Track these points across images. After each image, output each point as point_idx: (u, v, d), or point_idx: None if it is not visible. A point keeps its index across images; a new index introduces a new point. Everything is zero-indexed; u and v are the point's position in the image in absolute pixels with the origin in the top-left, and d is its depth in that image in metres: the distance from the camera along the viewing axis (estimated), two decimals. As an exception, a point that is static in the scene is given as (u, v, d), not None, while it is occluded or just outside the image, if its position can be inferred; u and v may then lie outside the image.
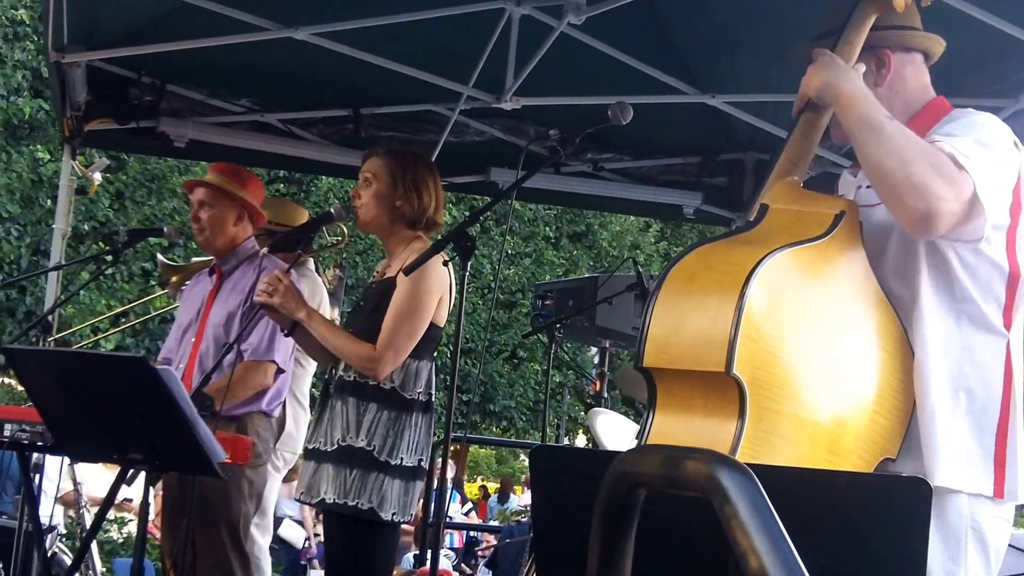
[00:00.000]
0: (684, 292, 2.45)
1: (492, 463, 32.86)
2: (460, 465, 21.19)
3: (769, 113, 6.33)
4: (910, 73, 2.82)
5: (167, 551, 4.93)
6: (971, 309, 2.61)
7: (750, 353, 2.31)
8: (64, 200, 6.64)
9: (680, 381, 2.43)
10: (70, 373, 3.75)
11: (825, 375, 2.43)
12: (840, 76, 2.65)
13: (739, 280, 2.34)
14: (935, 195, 2.44)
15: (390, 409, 4.04)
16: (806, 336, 2.43)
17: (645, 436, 2.45)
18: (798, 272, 2.45)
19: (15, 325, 14.51)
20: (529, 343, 20.19)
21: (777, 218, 2.60)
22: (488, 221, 20.13)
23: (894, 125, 2.55)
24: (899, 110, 2.75)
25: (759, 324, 2.34)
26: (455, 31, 5.69)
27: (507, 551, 10.30)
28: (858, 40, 2.75)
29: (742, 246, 2.50)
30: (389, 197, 4.22)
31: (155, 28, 5.90)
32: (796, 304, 2.44)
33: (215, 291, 4.97)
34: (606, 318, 6.71)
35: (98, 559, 6.95)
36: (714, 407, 2.36)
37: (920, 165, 2.46)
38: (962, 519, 2.54)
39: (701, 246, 2.56)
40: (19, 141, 15.56)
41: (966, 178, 2.46)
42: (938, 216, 2.46)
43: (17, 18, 15.42)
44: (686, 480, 1.28)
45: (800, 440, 2.37)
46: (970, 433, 2.57)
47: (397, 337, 4.06)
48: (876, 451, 2.51)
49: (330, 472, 4.04)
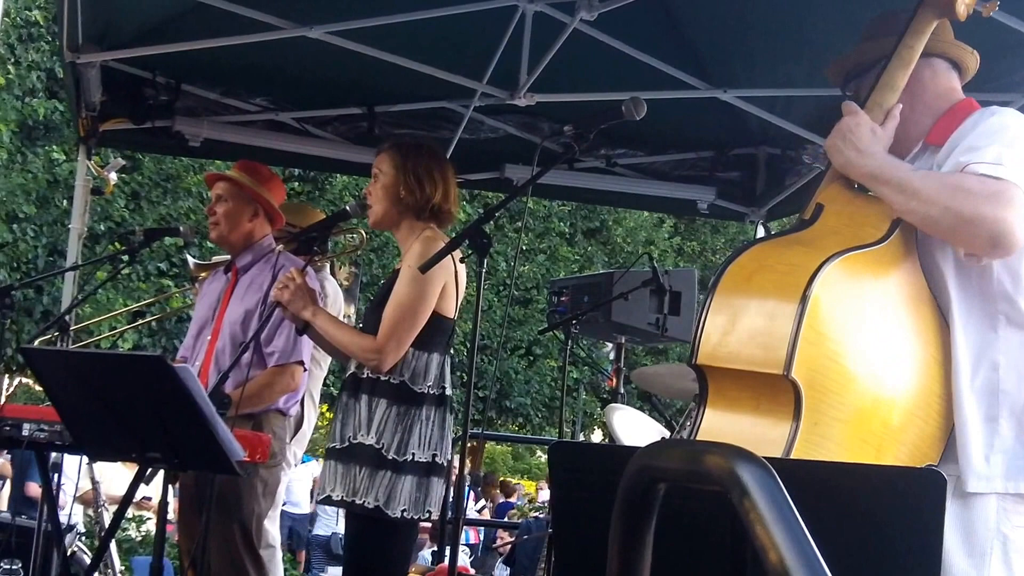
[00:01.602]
0: (741, 291, 2.45)
1: (509, 459, 32.86)
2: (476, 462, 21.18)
3: (782, 108, 6.31)
4: (928, 77, 2.80)
5: (184, 550, 4.95)
6: (1007, 310, 2.59)
7: (809, 357, 2.31)
8: (80, 200, 6.66)
9: (732, 380, 2.43)
10: (87, 372, 3.76)
11: (879, 382, 2.43)
12: (857, 156, 2.62)
13: (800, 282, 2.33)
14: (991, 218, 2.43)
15: (399, 404, 4.04)
16: (861, 342, 2.42)
17: (695, 433, 2.45)
18: (855, 277, 2.44)
19: (33, 325, 14.54)
20: (545, 339, 20.16)
21: (832, 219, 2.60)
22: (502, 218, 20.11)
23: (920, 177, 2.54)
24: (921, 113, 2.77)
25: (819, 328, 2.34)
26: (469, 28, 5.69)
27: (524, 547, 10.30)
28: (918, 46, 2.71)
29: (800, 247, 2.50)
30: (393, 188, 4.22)
31: (169, 28, 5.92)
32: (853, 309, 2.43)
33: (231, 288, 4.98)
34: (621, 314, 6.70)
35: (117, 558, 6.99)
36: (766, 408, 2.36)
37: (961, 199, 2.45)
38: (988, 521, 2.52)
39: (757, 244, 2.57)
40: (34, 142, 15.60)
41: (1008, 186, 2.44)
42: (1006, 235, 2.44)
43: (32, 19, 15.44)
44: (705, 474, 1.28)
45: (849, 444, 2.37)
46: (1011, 434, 2.56)
47: (398, 327, 4.05)
48: (919, 457, 2.51)
49: (339, 470, 4.05)
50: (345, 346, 4.16)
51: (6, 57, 15.04)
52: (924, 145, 2.78)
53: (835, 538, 1.68)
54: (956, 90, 2.83)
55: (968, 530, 2.50)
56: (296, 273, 4.15)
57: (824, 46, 4.84)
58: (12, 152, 14.81)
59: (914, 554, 1.91)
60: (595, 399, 22.73)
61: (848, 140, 2.64)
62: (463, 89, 6.36)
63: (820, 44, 5.14)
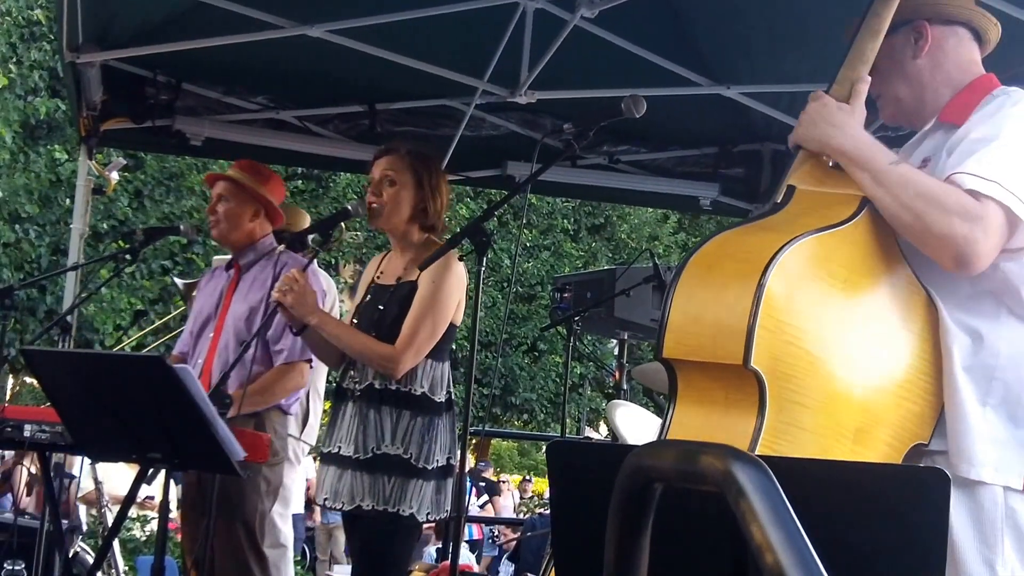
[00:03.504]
0: (703, 281, 2.39)
1: (514, 455, 32.88)
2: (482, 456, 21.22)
3: (785, 103, 6.30)
4: (951, 46, 2.70)
5: (187, 549, 4.94)
6: (1009, 301, 2.52)
7: (769, 345, 2.25)
8: (81, 200, 6.67)
9: (700, 372, 2.38)
10: (88, 373, 3.75)
11: (850, 364, 2.36)
12: (833, 131, 2.53)
13: (757, 269, 2.27)
14: (961, 239, 2.36)
15: (423, 415, 4.09)
16: (829, 325, 2.36)
17: (666, 429, 2.41)
18: (821, 259, 2.37)
19: (37, 324, 14.58)
20: (549, 336, 20.17)
21: (803, 200, 2.52)
22: (506, 215, 20.12)
23: (900, 172, 2.45)
24: (941, 83, 2.68)
25: (779, 315, 2.27)
26: (469, 26, 5.69)
27: (530, 544, 10.31)
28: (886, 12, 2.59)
29: (764, 232, 2.43)
30: (414, 199, 4.27)
31: (170, 27, 5.91)
32: (819, 293, 2.36)
33: (234, 286, 4.97)
34: (624, 310, 6.70)
35: (120, 557, 6.98)
36: (735, 400, 2.31)
37: (935, 214, 2.38)
38: (997, 507, 2.46)
39: (722, 233, 2.49)
40: (37, 141, 15.62)
41: (990, 208, 2.37)
42: (973, 256, 2.38)
43: (33, 18, 15.46)
44: (701, 475, 1.27)
45: (823, 432, 2.32)
46: (1002, 423, 2.49)
47: (418, 337, 4.09)
48: (906, 438, 2.45)
49: (365, 480, 4.06)
50: (358, 352, 4.15)
51: (8, 56, 15.04)
52: (937, 123, 2.68)
53: (834, 539, 1.67)
54: (977, 63, 2.74)
55: (976, 507, 2.45)
56: (299, 274, 4.12)
57: (827, 41, 4.80)
58: (15, 152, 14.82)
59: (916, 555, 1.90)
60: (600, 395, 22.75)
61: (816, 122, 2.55)
62: (464, 87, 6.35)
63: (823, 39, 5.10)
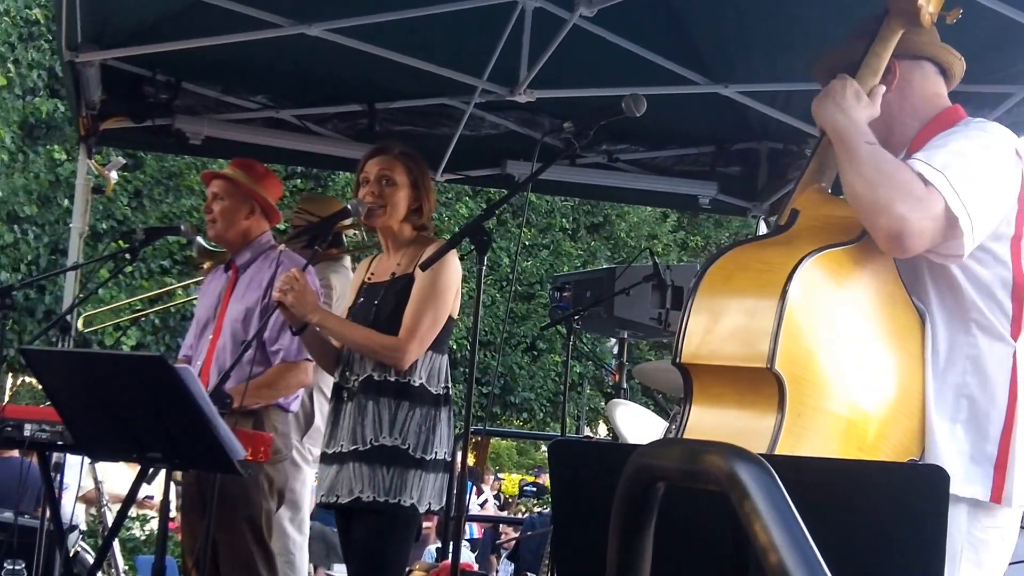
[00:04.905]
0: (721, 291, 2.53)
1: (514, 455, 32.87)
2: (479, 457, 21.22)
3: (782, 102, 6.31)
4: (917, 79, 2.82)
5: (187, 549, 4.93)
6: (979, 318, 2.63)
7: (790, 350, 2.37)
8: (81, 199, 6.65)
9: (715, 377, 2.49)
10: (88, 373, 3.75)
11: (856, 374, 2.48)
12: (836, 111, 2.67)
13: (780, 279, 2.40)
14: (899, 215, 2.46)
15: (422, 406, 4.13)
16: (840, 336, 2.48)
17: (682, 430, 2.50)
18: (832, 274, 2.51)
19: (35, 324, 14.56)
20: (548, 335, 20.16)
21: (807, 222, 2.67)
22: (505, 214, 20.08)
23: (871, 150, 2.57)
24: (909, 115, 2.80)
25: (799, 322, 2.39)
26: (468, 25, 5.70)
27: (529, 543, 10.30)
28: (885, 53, 2.76)
29: (779, 246, 2.57)
30: (409, 199, 4.34)
31: (168, 26, 5.91)
32: (831, 305, 2.50)
33: (231, 287, 4.96)
34: (624, 309, 6.71)
35: (120, 557, 6.98)
36: (750, 402, 2.41)
37: (886, 187, 2.49)
38: (959, 532, 2.53)
39: (735, 247, 2.65)
40: (36, 141, 15.59)
41: (933, 195, 2.48)
42: (905, 235, 2.48)
43: (32, 18, 15.42)
44: (704, 474, 1.27)
45: (833, 436, 2.42)
46: (969, 439, 2.59)
47: (421, 326, 4.14)
48: (901, 451, 2.55)
49: (363, 471, 4.08)
50: (361, 344, 4.18)
51: (6, 56, 15.02)
52: (907, 155, 2.75)
53: (836, 537, 1.68)
54: (943, 96, 2.86)
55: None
56: (298, 274, 4.13)
57: (824, 40, 4.81)
58: (13, 152, 14.80)
59: (916, 550, 1.90)
60: (599, 394, 22.73)
61: (832, 98, 2.68)
62: (463, 86, 6.35)
63: (820, 38, 5.12)
